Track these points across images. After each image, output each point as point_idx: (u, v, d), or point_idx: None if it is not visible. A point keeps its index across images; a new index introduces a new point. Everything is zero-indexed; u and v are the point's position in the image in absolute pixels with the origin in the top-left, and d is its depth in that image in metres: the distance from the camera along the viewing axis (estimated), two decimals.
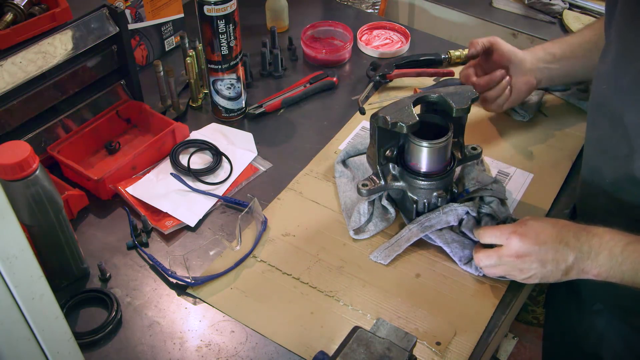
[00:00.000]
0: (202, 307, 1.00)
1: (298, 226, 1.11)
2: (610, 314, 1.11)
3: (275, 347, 0.94)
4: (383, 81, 1.40)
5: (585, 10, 1.72)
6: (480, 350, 0.94)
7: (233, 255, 1.06)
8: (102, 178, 1.13)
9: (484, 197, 1.07)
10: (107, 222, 1.13)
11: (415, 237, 1.05)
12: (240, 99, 1.32)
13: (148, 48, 1.45)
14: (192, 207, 1.14)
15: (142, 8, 1.39)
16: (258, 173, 1.22)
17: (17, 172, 0.86)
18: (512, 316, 1.06)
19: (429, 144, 1.01)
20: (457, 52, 1.44)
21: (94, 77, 1.23)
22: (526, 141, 1.27)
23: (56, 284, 1.01)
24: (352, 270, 1.04)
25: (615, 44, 0.93)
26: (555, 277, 0.92)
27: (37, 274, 0.63)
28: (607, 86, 0.95)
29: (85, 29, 1.17)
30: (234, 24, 1.21)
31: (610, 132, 0.97)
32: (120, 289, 1.03)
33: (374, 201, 1.10)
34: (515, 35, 1.72)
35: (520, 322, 1.98)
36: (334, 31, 1.54)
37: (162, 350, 0.94)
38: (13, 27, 1.09)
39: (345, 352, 0.80)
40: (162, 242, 1.10)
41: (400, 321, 0.97)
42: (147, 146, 1.20)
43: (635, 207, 0.96)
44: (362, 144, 1.21)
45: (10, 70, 1.07)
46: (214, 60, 1.25)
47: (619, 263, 0.87)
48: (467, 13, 1.81)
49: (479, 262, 0.98)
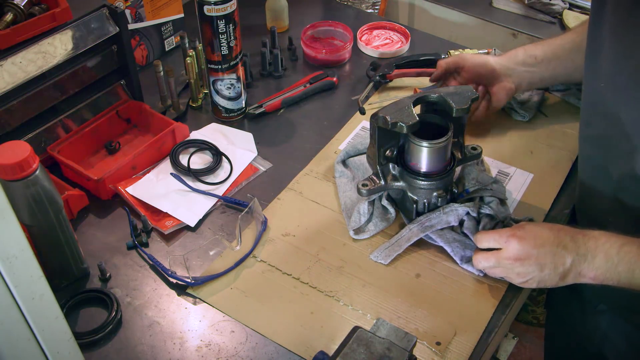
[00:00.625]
0: (202, 307, 1.00)
1: (298, 226, 1.11)
2: (614, 314, 1.10)
3: (275, 347, 0.94)
4: (383, 81, 1.40)
5: (585, 10, 1.72)
6: (480, 350, 0.94)
7: (233, 255, 1.06)
8: (102, 178, 1.13)
9: (484, 197, 1.08)
10: (107, 222, 1.13)
11: (416, 237, 1.05)
12: (240, 99, 1.32)
13: (148, 48, 1.45)
14: (192, 207, 1.14)
15: (142, 8, 1.39)
16: (258, 173, 1.22)
17: (17, 172, 0.86)
18: (512, 316, 1.06)
19: (429, 144, 1.01)
20: (457, 52, 1.44)
21: (94, 77, 1.23)
22: (526, 141, 1.27)
23: (56, 284, 1.01)
24: (352, 270, 1.04)
25: (609, 42, 0.93)
26: (553, 282, 0.92)
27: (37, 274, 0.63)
28: (604, 84, 0.95)
29: (85, 29, 1.17)
30: (234, 24, 1.21)
31: (608, 131, 0.97)
32: (120, 289, 1.03)
33: (374, 201, 1.10)
34: (515, 35, 1.72)
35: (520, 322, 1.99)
36: (334, 31, 1.54)
37: (162, 350, 0.94)
38: (13, 27, 1.09)
39: (345, 352, 0.80)
40: (162, 242, 1.10)
41: (400, 321, 0.97)
42: (147, 146, 1.20)
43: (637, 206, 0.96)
44: (362, 144, 1.21)
45: (10, 70, 1.07)
46: (214, 60, 1.25)
47: (615, 264, 0.87)
48: (467, 13, 1.81)
49: (478, 265, 0.98)
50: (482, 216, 1.05)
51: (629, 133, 0.92)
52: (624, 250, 0.87)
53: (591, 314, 1.14)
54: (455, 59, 1.25)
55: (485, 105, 1.24)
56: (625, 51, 0.91)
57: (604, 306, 1.12)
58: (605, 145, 0.99)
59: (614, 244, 0.88)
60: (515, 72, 1.20)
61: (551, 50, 1.19)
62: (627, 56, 0.90)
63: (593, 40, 0.97)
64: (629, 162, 0.94)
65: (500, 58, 1.22)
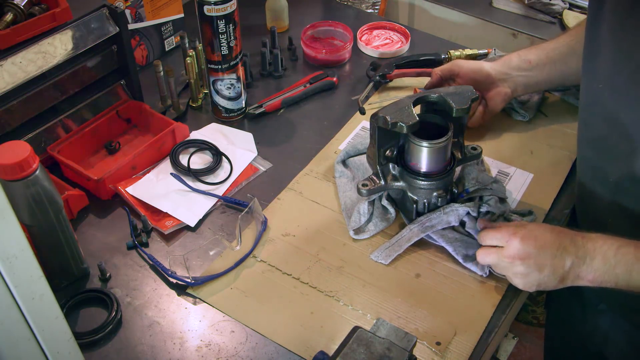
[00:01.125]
0: (202, 307, 1.00)
1: (298, 226, 1.11)
2: (615, 314, 1.11)
3: (275, 347, 0.94)
4: (383, 81, 1.40)
5: (585, 10, 1.72)
6: (480, 350, 0.94)
7: (233, 255, 1.06)
8: (102, 178, 1.13)
9: (483, 197, 1.08)
10: (107, 222, 1.13)
11: (416, 237, 1.05)
12: (240, 99, 1.32)
13: (148, 48, 1.45)
14: (192, 207, 1.14)
15: (142, 8, 1.39)
16: (258, 173, 1.22)
17: (17, 172, 0.86)
18: (512, 316, 1.06)
19: (429, 144, 1.01)
20: (457, 52, 1.44)
21: (94, 77, 1.23)
22: (526, 141, 1.27)
23: (56, 284, 1.01)
24: (352, 270, 1.04)
25: (608, 42, 0.93)
26: (552, 284, 0.92)
27: (37, 274, 0.63)
28: (602, 85, 0.95)
29: (85, 29, 1.17)
30: (234, 24, 1.21)
31: (607, 132, 0.97)
32: (120, 289, 1.03)
33: (374, 201, 1.10)
34: (515, 35, 1.72)
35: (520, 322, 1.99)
36: (334, 31, 1.54)
37: (162, 350, 0.94)
38: (13, 27, 1.09)
39: (345, 352, 0.80)
40: (162, 242, 1.10)
41: (400, 321, 0.97)
42: (147, 146, 1.20)
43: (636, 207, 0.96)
44: (362, 144, 1.21)
45: (10, 70, 1.07)
46: (214, 60, 1.25)
47: (613, 266, 0.87)
48: (467, 13, 1.81)
49: (480, 260, 0.98)
50: (482, 215, 1.06)
51: (628, 134, 0.92)
52: (621, 252, 0.87)
53: (591, 314, 1.14)
54: (450, 66, 1.25)
55: (481, 110, 1.24)
56: (624, 52, 0.90)
57: (605, 306, 1.12)
58: (603, 147, 0.99)
59: (612, 246, 0.88)
60: (511, 76, 1.21)
61: (545, 54, 1.19)
62: (627, 57, 0.90)
63: (591, 42, 0.97)
64: (628, 163, 0.94)
65: (494, 63, 1.22)
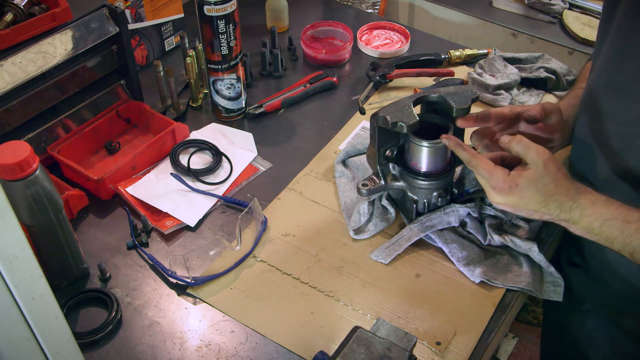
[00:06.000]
0: (202, 307, 1.00)
1: (298, 226, 1.11)
2: (599, 314, 1.11)
3: (275, 347, 0.94)
4: (383, 81, 1.40)
5: (585, 10, 1.73)
6: (480, 350, 0.94)
7: (233, 255, 1.06)
8: (102, 178, 1.13)
9: (484, 198, 1.07)
10: (107, 222, 1.13)
11: (416, 237, 1.05)
12: (240, 99, 1.32)
13: (148, 48, 1.45)
14: (192, 207, 1.14)
15: (142, 8, 1.39)
16: (258, 173, 1.22)
17: (17, 172, 0.86)
18: (512, 316, 1.06)
19: (429, 144, 1.01)
20: (457, 52, 1.44)
21: (94, 77, 1.23)
22: None
23: (56, 284, 1.01)
24: (352, 270, 1.04)
25: (612, 42, 0.93)
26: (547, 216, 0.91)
27: (37, 274, 0.63)
28: (597, 83, 0.95)
29: (85, 29, 1.17)
30: (234, 24, 1.21)
31: (598, 129, 0.97)
32: (120, 289, 1.03)
33: (374, 201, 1.10)
34: (515, 35, 1.72)
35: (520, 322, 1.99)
36: (334, 31, 1.54)
37: (162, 350, 0.94)
38: (13, 27, 1.09)
39: (345, 352, 0.80)
40: (162, 242, 1.10)
41: (400, 321, 0.97)
42: (147, 146, 1.20)
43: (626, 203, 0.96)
44: (362, 144, 1.21)
45: (10, 70, 1.07)
46: (214, 60, 1.25)
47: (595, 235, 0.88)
48: (467, 13, 1.81)
49: None
50: (484, 217, 1.06)
51: (621, 132, 0.93)
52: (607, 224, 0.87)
53: (578, 313, 1.15)
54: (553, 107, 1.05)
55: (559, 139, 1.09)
56: (628, 51, 0.91)
57: (589, 306, 1.12)
58: (596, 143, 0.99)
59: (599, 217, 0.88)
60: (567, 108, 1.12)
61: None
62: (631, 56, 0.90)
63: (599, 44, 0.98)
64: (620, 159, 0.94)
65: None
